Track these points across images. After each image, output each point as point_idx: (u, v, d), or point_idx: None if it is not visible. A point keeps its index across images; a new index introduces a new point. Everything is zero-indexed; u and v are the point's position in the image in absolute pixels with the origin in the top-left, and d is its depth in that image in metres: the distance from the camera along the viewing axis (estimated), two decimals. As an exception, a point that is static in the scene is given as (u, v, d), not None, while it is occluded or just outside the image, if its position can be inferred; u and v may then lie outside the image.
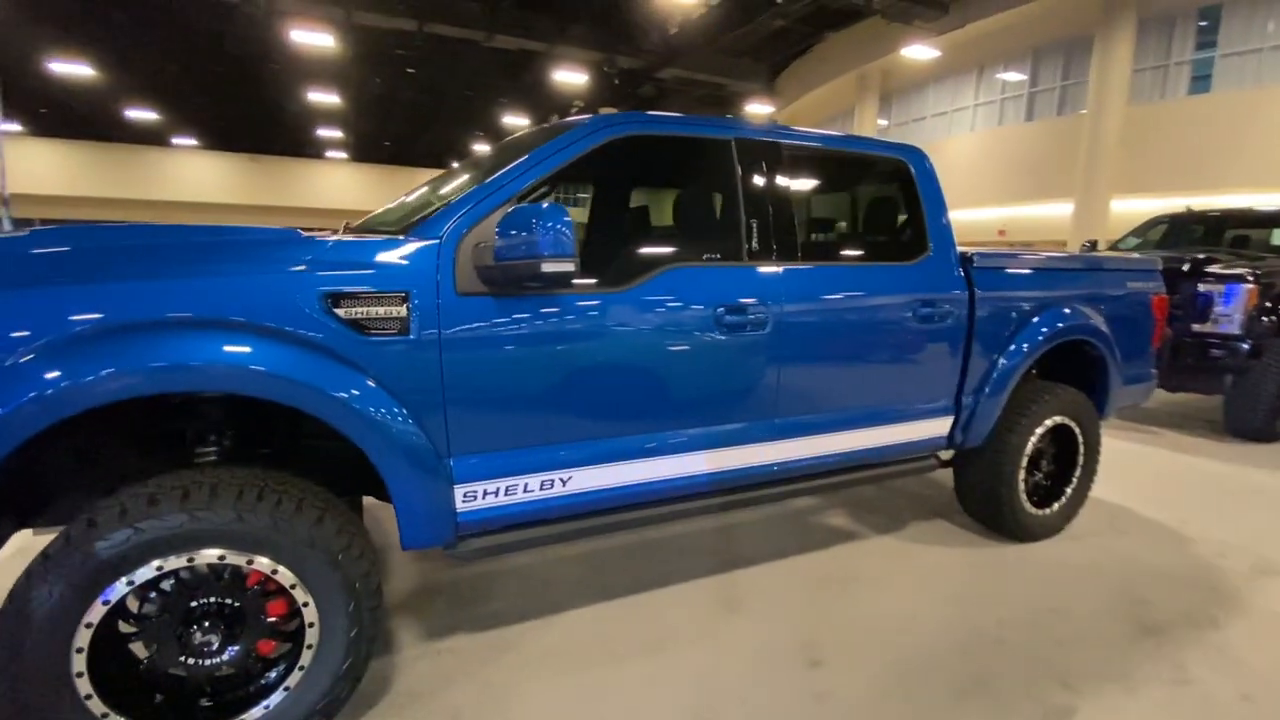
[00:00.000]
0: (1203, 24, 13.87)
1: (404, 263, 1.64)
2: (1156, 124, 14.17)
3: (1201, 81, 13.99)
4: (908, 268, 2.45)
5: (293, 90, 22.51)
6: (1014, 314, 2.68)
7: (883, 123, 21.56)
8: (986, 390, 2.66)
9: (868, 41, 19.38)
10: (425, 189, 2.40)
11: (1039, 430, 2.83)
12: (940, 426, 2.62)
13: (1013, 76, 17.56)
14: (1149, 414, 5.60)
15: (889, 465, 2.54)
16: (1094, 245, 6.76)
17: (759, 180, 2.16)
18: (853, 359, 2.31)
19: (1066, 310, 2.82)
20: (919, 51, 16.99)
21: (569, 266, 1.60)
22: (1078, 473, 3.03)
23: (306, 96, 22.67)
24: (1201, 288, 4.69)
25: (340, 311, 1.56)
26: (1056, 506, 2.99)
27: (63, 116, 25.38)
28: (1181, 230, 6.36)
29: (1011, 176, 17.49)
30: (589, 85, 21.70)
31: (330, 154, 34.28)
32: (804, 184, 2.38)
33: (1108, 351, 2.99)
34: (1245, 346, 4.53)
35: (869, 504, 3.41)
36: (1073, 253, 3.11)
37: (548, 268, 1.57)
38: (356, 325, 1.58)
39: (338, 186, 34.06)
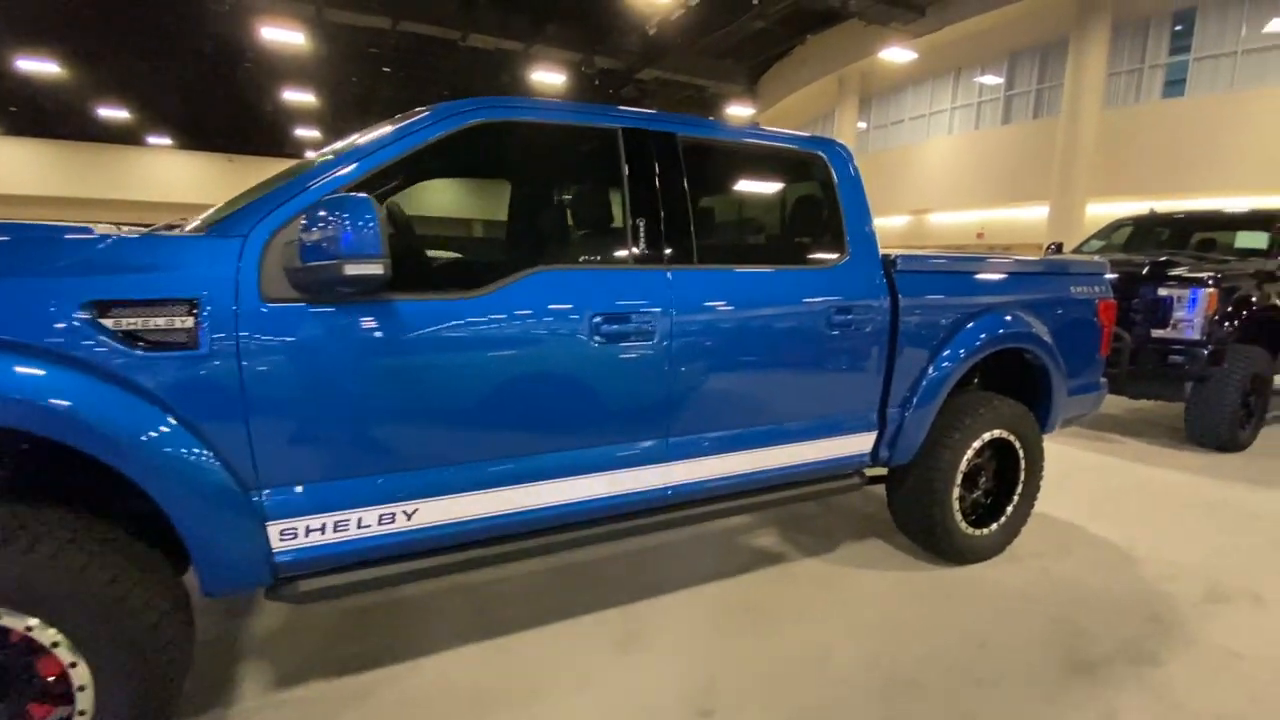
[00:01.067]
0: (1177, 28, 13.88)
1: (193, 265, 1.41)
2: (1131, 128, 14.17)
3: (1176, 85, 14.00)
4: (823, 272, 2.24)
5: (267, 89, 22.13)
6: (943, 321, 2.48)
7: (862, 125, 21.51)
8: (914, 403, 2.46)
9: (846, 44, 19.33)
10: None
11: (975, 445, 2.64)
12: (862, 442, 2.41)
13: (989, 80, 17.55)
14: (1111, 422, 5.45)
15: (804, 485, 2.33)
16: (1059, 248, 6.63)
17: (650, 175, 1.95)
18: (758, 371, 2.10)
19: (1003, 317, 2.62)
20: (896, 54, 16.93)
21: (375, 269, 1.37)
22: (1019, 490, 2.83)
23: (281, 95, 22.30)
24: (1162, 292, 4.53)
25: (109, 322, 1.33)
26: (995, 526, 2.79)
27: (32, 115, 24.81)
28: (1146, 233, 6.23)
29: (989, 179, 17.45)
30: (568, 86, 21.47)
31: (310, 155, 33.79)
32: (706, 180, 2.16)
33: (1050, 360, 2.80)
34: (1206, 352, 4.38)
35: (801, 522, 3.20)
36: (1015, 255, 2.94)
37: (351, 270, 1.34)
38: (130, 338, 1.34)
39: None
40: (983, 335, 2.54)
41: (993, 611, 2.43)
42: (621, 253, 1.89)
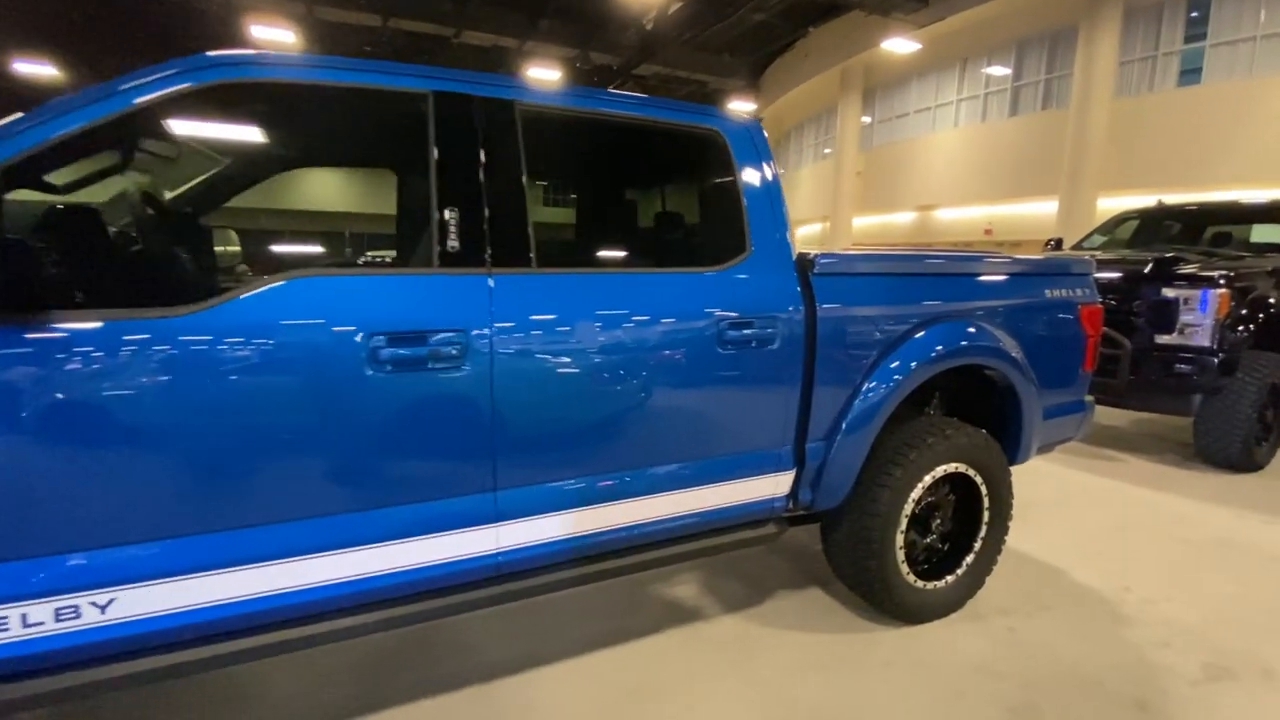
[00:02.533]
0: (1192, 13, 13.19)
1: None
2: (1144, 118, 13.50)
3: (1191, 74, 13.31)
4: (712, 277, 1.79)
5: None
6: (877, 335, 2.02)
7: (866, 120, 20.91)
8: (841, 434, 2.01)
9: (849, 36, 18.74)
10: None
11: (924, 483, 2.18)
12: (774, 484, 1.96)
13: (996, 71, 16.89)
14: (1112, 435, 4.92)
15: (696, 540, 1.88)
16: (1059, 244, 6.10)
17: (469, 153, 1.51)
18: (620, 405, 1.65)
19: (956, 327, 2.16)
20: (899, 45, 16.33)
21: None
22: (982, 534, 2.36)
23: (276, 96, 22.12)
24: (1167, 293, 4.02)
25: None
26: (951, 579, 2.32)
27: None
28: (1155, 227, 5.69)
29: (996, 173, 16.81)
30: (565, 83, 21.08)
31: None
32: (555, 162, 1.72)
33: (1018, 378, 2.33)
34: (1216, 361, 3.87)
35: (734, 563, 2.75)
36: (976, 250, 2.47)
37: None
38: None
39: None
40: (930, 351, 2.08)
41: (939, 692, 1.96)
42: (423, 253, 1.46)
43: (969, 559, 2.35)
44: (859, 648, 2.19)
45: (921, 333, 2.09)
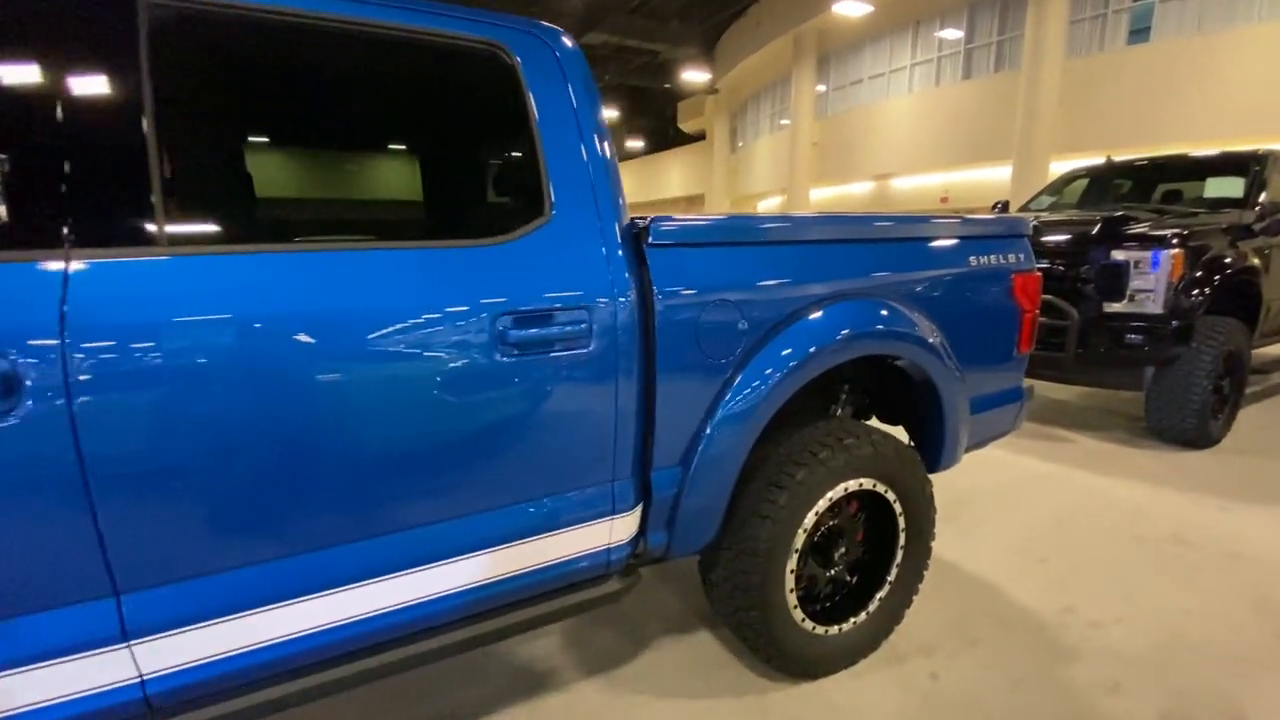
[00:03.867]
0: (1141, -32, 12.93)
1: None
2: (1096, 78, 13.27)
3: (1141, 33, 13.09)
4: (489, 251, 1.27)
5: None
6: (743, 324, 1.53)
7: (821, 88, 20.40)
8: (698, 458, 1.52)
9: (801, 0, 18.15)
10: None
11: (819, 507, 1.72)
12: (608, 530, 1.47)
13: (949, 34, 16.50)
14: (1061, 411, 4.58)
15: (494, 620, 1.38)
16: (1004, 207, 5.71)
17: (52, 74, 0.96)
18: (326, 451, 1.12)
19: (853, 309, 1.69)
20: (851, 8, 15.83)
21: None
22: (897, 562, 1.93)
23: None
24: (1116, 256, 3.63)
25: None
26: (859, 620, 1.88)
27: None
28: (1104, 185, 5.33)
29: (951, 139, 16.52)
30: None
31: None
32: (216, 85, 1.17)
33: (938, 368, 1.88)
34: (1170, 328, 3.50)
35: (610, 608, 2.28)
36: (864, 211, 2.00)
37: None
38: None
39: None
40: (817, 342, 1.60)
41: (833, 781, 1.53)
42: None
43: (881, 593, 1.91)
44: (750, 715, 1.74)
45: (803, 320, 1.61)
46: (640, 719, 1.73)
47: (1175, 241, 3.51)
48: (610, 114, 28.16)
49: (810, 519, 1.71)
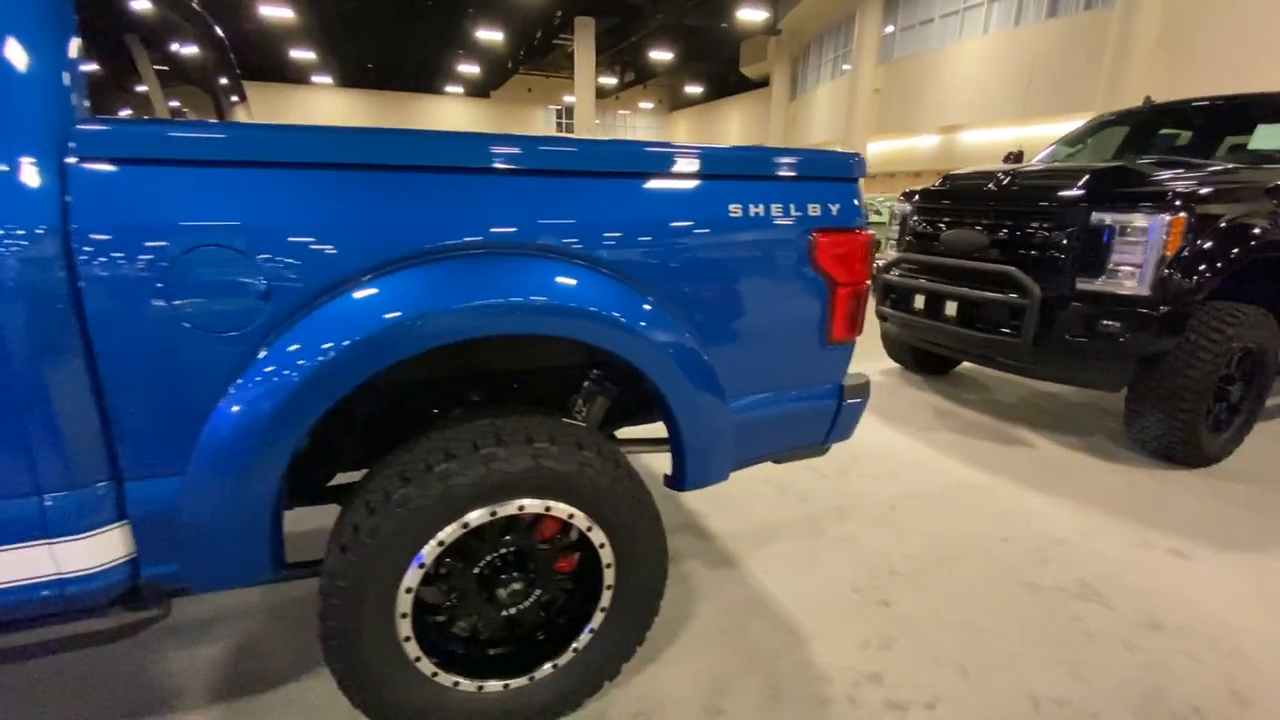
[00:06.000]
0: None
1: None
2: (1202, 16, 11.27)
3: (1272, -45, 10.94)
4: None
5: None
6: (261, 283, 1.06)
7: (889, 29, 18.53)
8: (195, 467, 1.10)
9: (869, -75, 16.30)
10: None
11: (443, 535, 1.26)
12: (50, 558, 1.07)
13: (1037, -38, 14.45)
14: (1037, 406, 3.83)
15: None
16: (1019, 158, 4.79)
17: None
18: None
19: (471, 270, 1.18)
20: (922, -68, 14.04)
21: None
22: (602, 607, 1.46)
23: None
24: (1098, 219, 2.86)
25: None
26: (531, 679, 1.44)
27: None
28: (1146, 135, 4.33)
29: (1029, 87, 14.67)
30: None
31: (316, 79, 32.56)
32: None
33: (647, 354, 1.35)
34: (1155, 316, 2.74)
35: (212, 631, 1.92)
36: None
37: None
38: None
39: (324, 114, 32.48)
40: (394, 317, 1.12)
41: None
42: None
43: (579, 644, 1.46)
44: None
45: (381, 283, 1.12)
46: (221, 776, 1.37)
47: (1177, 202, 2.71)
48: (663, 56, 26.79)
49: (431, 549, 1.27)
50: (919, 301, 3.51)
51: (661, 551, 1.50)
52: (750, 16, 22.10)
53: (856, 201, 1.58)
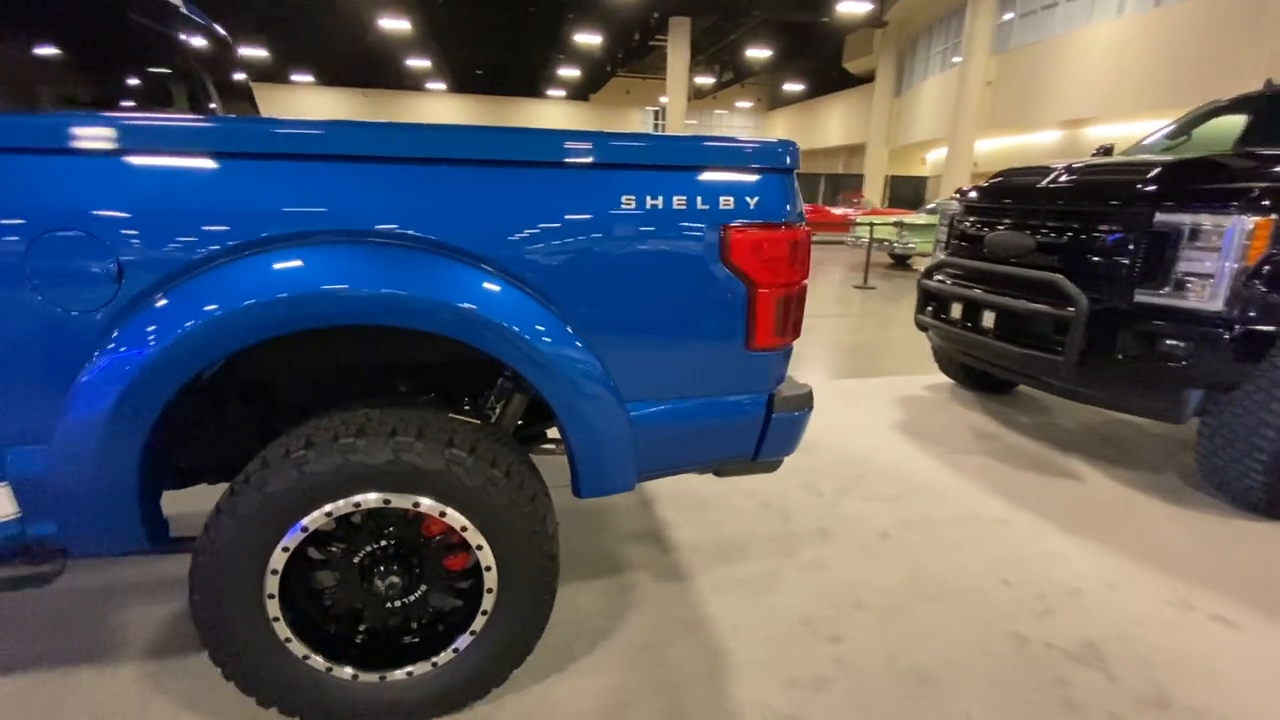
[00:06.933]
0: None
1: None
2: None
3: None
4: None
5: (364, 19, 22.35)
6: (110, 266, 1.11)
7: (1008, 16, 17.08)
8: (58, 436, 1.16)
9: (986, -95, 15.07)
10: None
11: (307, 521, 1.27)
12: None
13: (1185, -67, 12.76)
14: (1102, 434, 3.34)
15: None
16: (1109, 152, 4.21)
17: None
18: None
19: (320, 258, 1.17)
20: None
21: None
22: (483, 609, 1.41)
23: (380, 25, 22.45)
24: (1160, 220, 2.46)
25: None
26: (409, 674, 1.42)
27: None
28: (1271, 124, 3.68)
29: (1170, 75, 13.01)
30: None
31: (429, 85, 34.74)
32: None
33: (514, 353, 1.29)
34: (1228, 337, 2.32)
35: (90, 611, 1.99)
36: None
37: None
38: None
39: (437, 120, 34.62)
40: (227, 304, 1.12)
41: None
42: None
43: (461, 644, 1.43)
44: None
45: (224, 270, 1.14)
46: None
47: (1265, 201, 2.27)
48: (762, 54, 26.22)
49: (295, 537, 1.28)
50: (956, 310, 3.18)
51: (548, 560, 1.43)
52: (854, 9, 21.10)
53: (785, 195, 1.43)
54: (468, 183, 1.25)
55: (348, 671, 1.40)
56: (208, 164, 1.15)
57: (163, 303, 1.13)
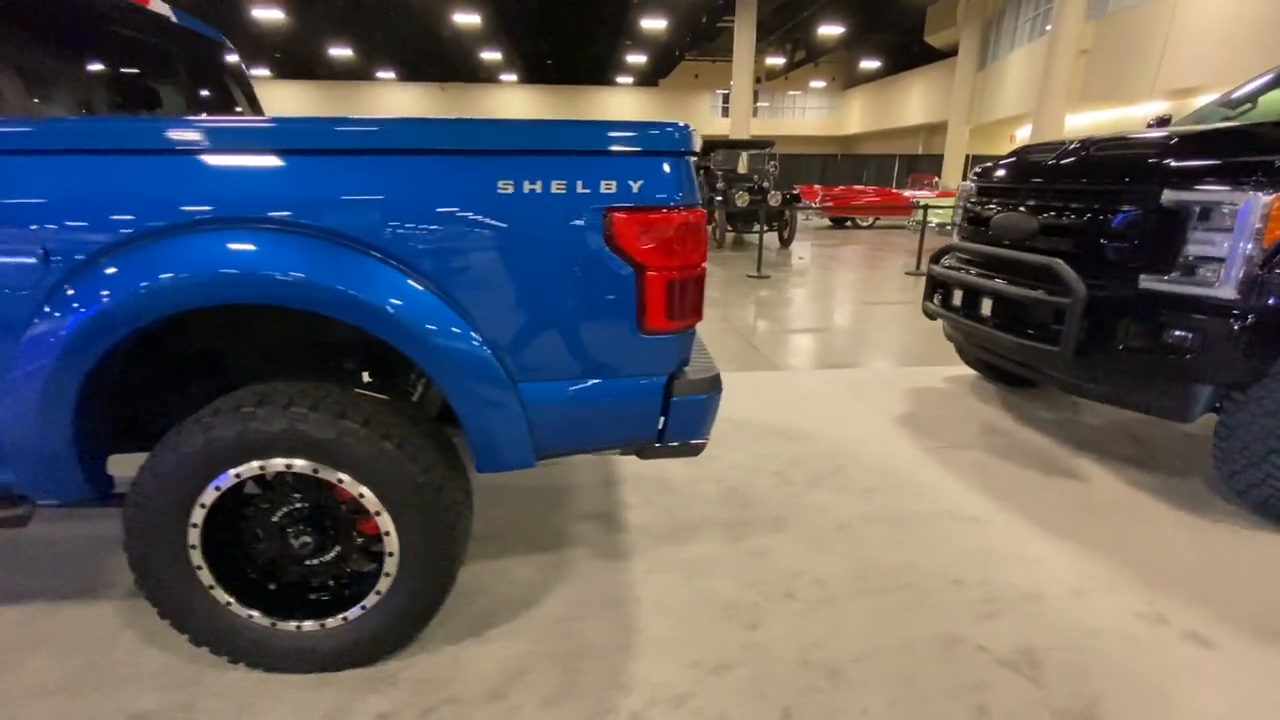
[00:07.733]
0: None
1: None
2: None
3: None
4: None
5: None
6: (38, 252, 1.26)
7: (1107, -24, 15.58)
8: (-4, 401, 1.34)
9: None
10: None
11: (222, 482, 1.41)
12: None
13: None
14: (1125, 431, 3.07)
15: None
16: (1165, 123, 3.81)
17: None
18: None
19: (198, 245, 1.28)
20: None
21: None
22: (386, 572, 1.52)
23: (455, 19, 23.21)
24: (1168, 197, 2.23)
25: None
26: (323, 625, 1.54)
27: (286, 60, 29.49)
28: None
29: (1296, 37, 11.51)
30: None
31: (503, 76, 35.62)
32: None
33: (395, 330, 1.36)
34: (1240, 327, 2.09)
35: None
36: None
37: None
38: None
39: (510, 110, 35.50)
40: (123, 287, 1.26)
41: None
42: None
43: (367, 603, 1.54)
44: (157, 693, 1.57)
45: (124, 255, 1.27)
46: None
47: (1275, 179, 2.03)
48: (835, 30, 25.17)
49: (211, 495, 1.42)
50: (957, 297, 3.01)
51: (446, 529, 1.51)
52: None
53: (675, 177, 1.43)
54: (348, 171, 1.33)
55: (267, 619, 1.54)
56: (119, 160, 1.28)
57: (72, 289, 1.28)
